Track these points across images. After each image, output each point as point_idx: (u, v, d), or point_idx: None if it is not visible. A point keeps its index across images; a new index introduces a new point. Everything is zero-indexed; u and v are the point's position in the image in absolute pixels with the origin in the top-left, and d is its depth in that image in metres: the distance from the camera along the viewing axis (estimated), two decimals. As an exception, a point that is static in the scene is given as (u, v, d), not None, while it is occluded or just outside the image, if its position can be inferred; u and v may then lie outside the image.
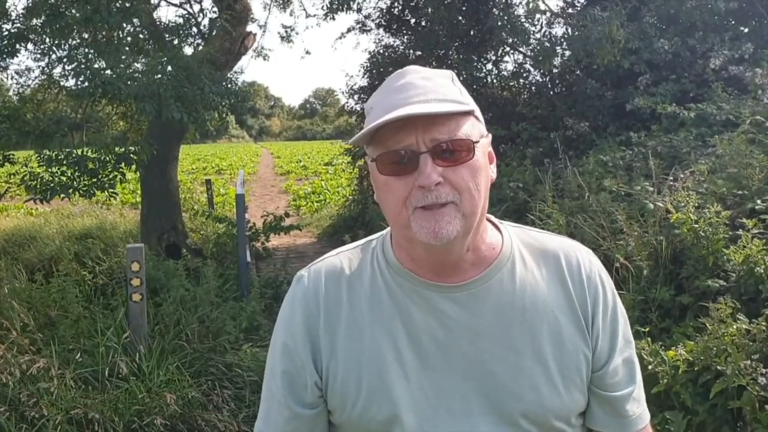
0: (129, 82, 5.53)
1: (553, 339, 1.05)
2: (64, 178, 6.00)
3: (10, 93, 8.46)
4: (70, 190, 5.92)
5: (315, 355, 1.08)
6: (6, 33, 6.17)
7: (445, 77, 1.04)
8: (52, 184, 5.88)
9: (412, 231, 0.99)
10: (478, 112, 1.05)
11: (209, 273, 5.72)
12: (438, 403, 1.04)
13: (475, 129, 1.02)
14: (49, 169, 5.98)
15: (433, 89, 1.00)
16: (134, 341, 4.32)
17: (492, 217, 1.14)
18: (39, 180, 6.00)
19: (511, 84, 9.33)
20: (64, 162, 5.93)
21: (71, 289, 5.11)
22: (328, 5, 8.76)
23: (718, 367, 2.60)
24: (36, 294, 5.24)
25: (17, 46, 6.27)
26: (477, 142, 1.00)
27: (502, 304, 1.06)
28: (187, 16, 8.25)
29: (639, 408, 1.11)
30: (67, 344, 4.35)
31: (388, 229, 1.13)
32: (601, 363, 1.08)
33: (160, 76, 5.76)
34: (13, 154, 6.77)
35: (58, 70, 6.85)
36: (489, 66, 9.40)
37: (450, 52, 9.02)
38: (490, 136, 1.08)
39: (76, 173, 5.99)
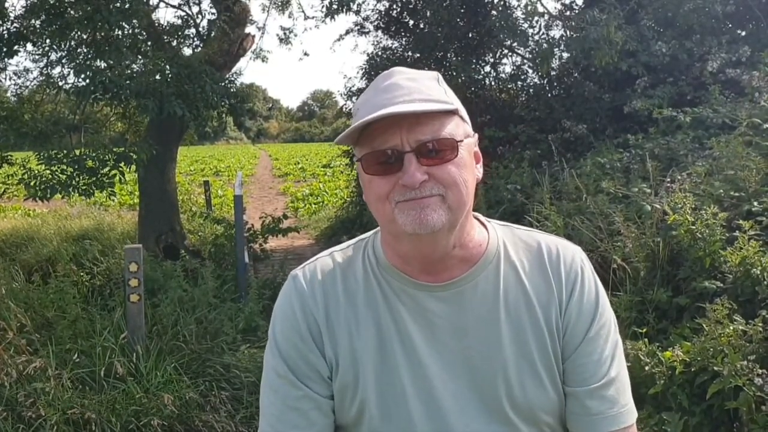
0: (129, 82, 5.54)
1: (537, 334, 1.06)
2: (63, 177, 5.99)
3: (8, 94, 8.46)
4: (70, 189, 5.91)
5: (321, 350, 1.08)
6: (5, 32, 6.17)
7: (430, 78, 1.05)
8: (51, 183, 5.88)
9: (397, 225, 0.99)
10: (463, 112, 1.05)
11: (207, 274, 5.71)
12: (429, 400, 1.05)
13: (460, 128, 1.02)
14: (49, 168, 5.98)
15: (418, 90, 1.00)
16: (132, 342, 4.31)
17: (479, 216, 1.15)
18: (38, 179, 6.00)
19: (509, 86, 9.34)
20: (64, 160, 5.93)
21: (69, 290, 5.10)
22: (327, 6, 8.77)
23: (715, 368, 2.61)
24: (33, 295, 5.24)
25: (16, 46, 6.27)
26: (461, 141, 1.01)
27: (487, 301, 1.07)
28: (185, 17, 8.27)
29: (611, 409, 1.06)
30: (64, 345, 4.34)
31: (379, 228, 1.13)
32: (566, 356, 1.07)
33: (159, 77, 5.77)
34: (12, 155, 6.77)
35: (57, 71, 6.86)
36: (487, 68, 9.42)
37: (448, 54, 9.03)
38: (476, 135, 1.09)
39: (76, 172, 5.98)
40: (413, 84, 1.01)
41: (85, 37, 6.41)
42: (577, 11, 8.18)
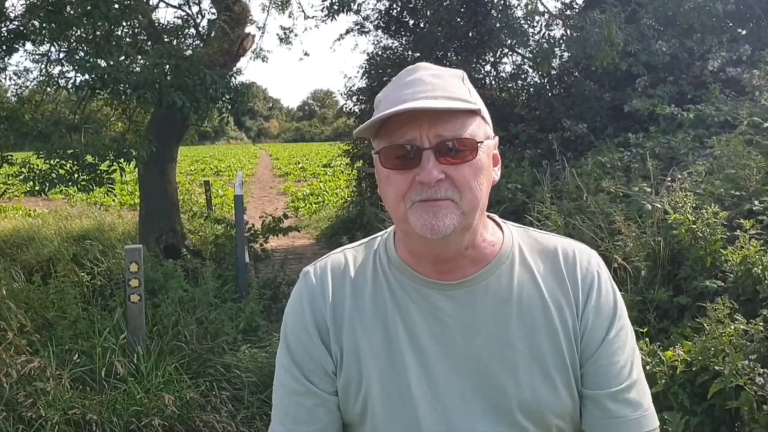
0: (128, 76, 5.54)
1: (551, 336, 1.05)
2: (62, 171, 5.99)
3: (8, 94, 8.47)
4: (69, 184, 5.91)
5: (327, 345, 1.08)
6: (4, 32, 6.17)
7: (455, 76, 1.04)
8: (51, 177, 5.87)
9: (409, 224, 0.99)
10: (485, 113, 1.05)
11: (208, 274, 5.71)
12: (435, 400, 1.04)
13: (481, 129, 1.02)
14: (48, 162, 5.97)
15: (442, 86, 0.99)
16: (132, 342, 4.31)
17: (494, 216, 1.15)
18: (38, 173, 5.99)
19: (509, 85, 9.35)
20: (63, 155, 5.93)
21: (69, 290, 5.10)
22: (328, 6, 8.78)
23: (716, 368, 2.60)
24: (34, 295, 5.23)
25: (15, 45, 6.27)
26: (481, 142, 1.00)
27: (500, 302, 1.06)
28: (185, 17, 8.26)
29: (634, 413, 1.05)
30: (64, 345, 4.34)
31: (393, 226, 1.13)
32: (585, 359, 1.06)
33: (157, 69, 5.77)
34: (12, 155, 6.76)
35: (57, 70, 6.86)
36: (487, 68, 9.43)
37: (449, 54, 9.03)
38: (496, 138, 1.08)
39: (75, 167, 5.98)
40: (437, 81, 1.01)
41: (84, 35, 6.41)
42: (577, 10, 8.18)
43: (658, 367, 2.79)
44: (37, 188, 5.87)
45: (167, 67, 5.93)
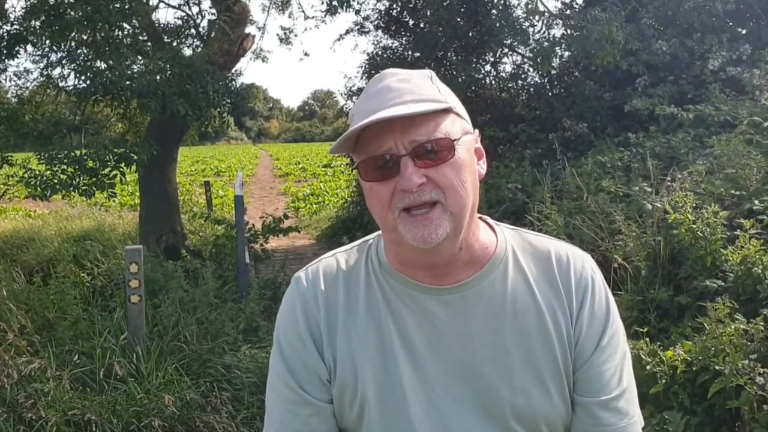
0: (129, 82, 5.55)
1: (545, 342, 1.04)
2: (64, 177, 6.00)
3: (9, 95, 8.46)
4: (71, 188, 5.93)
5: (320, 353, 1.07)
6: (4, 34, 6.18)
7: (423, 77, 1.03)
8: (52, 182, 5.89)
9: (400, 234, 0.98)
10: (459, 109, 1.03)
11: (208, 274, 5.71)
12: (429, 406, 1.03)
13: (456, 126, 1.00)
14: (50, 168, 5.98)
15: (410, 90, 0.99)
16: (132, 343, 4.31)
17: (487, 218, 1.13)
18: (39, 178, 6.00)
19: (509, 85, 9.34)
20: (65, 160, 5.94)
21: (69, 291, 5.10)
22: (328, 3, 8.78)
23: (716, 367, 2.60)
24: (34, 296, 5.23)
25: (16, 48, 6.28)
26: (457, 139, 0.99)
27: (493, 306, 1.05)
28: (185, 17, 8.27)
29: (622, 421, 1.05)
30: (64, 346, 4.34)
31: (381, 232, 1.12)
32: (578, 366, 1.05)
33: (160, 77, 5.78)
34: (12, 156, 6.77)
35: (57, 72, 6.87)
36: (488, 67, 9.43)
37: (449, 54, 9.03)
38: (476, 132, 1.07)
39: (77, 172, 5.99)
40: (405, 85, 1.00)
41: (85, 37, 6.42)
42: (577, 10, 8.17)
43: (659, 366, 2.79)
44: (39, 194, 5.88)
45: (168, 73, 5.94)
